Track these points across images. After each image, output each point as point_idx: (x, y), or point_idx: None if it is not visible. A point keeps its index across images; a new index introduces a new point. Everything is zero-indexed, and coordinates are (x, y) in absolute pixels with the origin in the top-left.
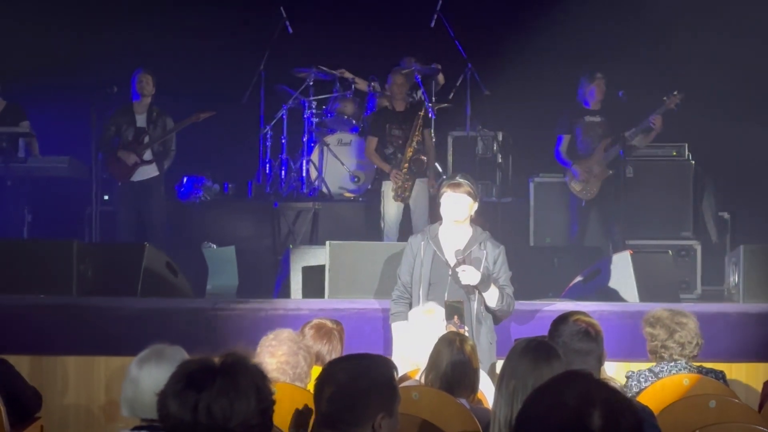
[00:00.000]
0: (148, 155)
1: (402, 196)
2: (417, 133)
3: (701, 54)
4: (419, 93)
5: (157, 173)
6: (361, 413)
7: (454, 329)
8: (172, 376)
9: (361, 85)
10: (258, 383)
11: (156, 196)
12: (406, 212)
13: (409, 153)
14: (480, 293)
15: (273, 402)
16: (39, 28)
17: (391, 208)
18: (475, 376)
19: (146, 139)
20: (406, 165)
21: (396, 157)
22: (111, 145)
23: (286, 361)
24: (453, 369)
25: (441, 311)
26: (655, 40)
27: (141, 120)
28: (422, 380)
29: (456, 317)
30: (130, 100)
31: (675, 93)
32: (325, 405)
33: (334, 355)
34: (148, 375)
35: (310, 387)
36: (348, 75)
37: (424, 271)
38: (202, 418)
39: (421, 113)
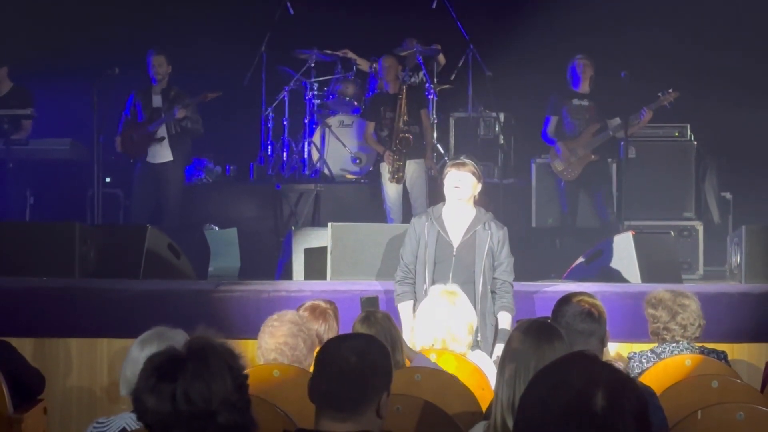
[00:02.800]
0: (162, 132)
1: (396, 177)
2: (402, 113)
3: (703, 34)
4: (420, 74)
5: (172, 158)
6: (370, 392)
7: None
8: (141, 373)
9: (363, 65)
10: (229, 361)
11: (173, 181)
12: (406, 193)
13: (397, 134)
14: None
15: (246, 377)
16: (40, 9)
17: (390, 190)
18: (399, 338)
19: (161, 116)
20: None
21: (390, 139)
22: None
23: (285, 342)
24: None
25: (462, 295)
26: (657, 20)
27: (157, 100)
28: None
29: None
30: (149, 82)
31: (670, 91)
32: (329, 384)
33: (331, 334)
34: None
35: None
36: (351, 55)
37: (429, 252)
38: (181, 405)
39: (402, 94)
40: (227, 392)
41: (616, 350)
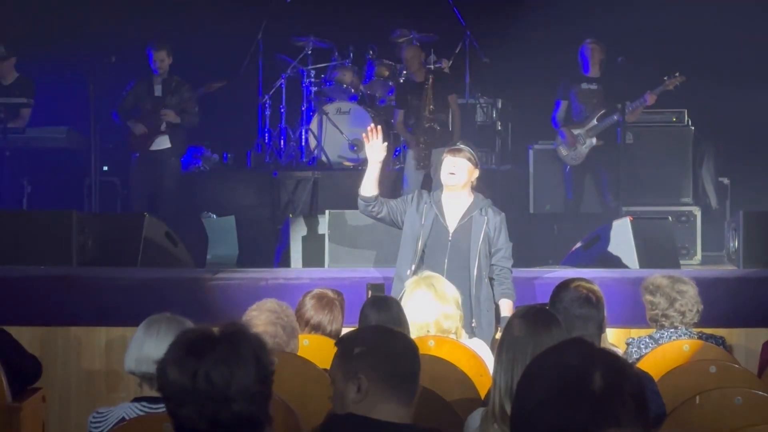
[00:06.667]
0: (164, 126)
1: (422, 164)
2: (428, 101)
3: (700, 18)
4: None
5: (170, 145)
6: None
7: None
8: (172, 345)
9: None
10: (258, 352)
11: (168, 167)
12: (427, 181)
13: (424, 122)
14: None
15: (272, 371)
16: None
17: (411, 177)
18: (407, 328)
19: (162, 110)
20: (422, 136)
21: (417, 127)
22: (130, 115)
23: (265, 330)
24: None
25: (436, 275)
26: (654, 5)
27: (158, 90)
28: None
29: None
30: (149, 71)
31: (677, 74)
32: (410, 369)
33: (335, 326)
34: (156, 335)
35: (301, 354)
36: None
37: (424, 232)
38: (201, 385)
39: (429, 82)
40: (249, 382)
41: (614, 336)
